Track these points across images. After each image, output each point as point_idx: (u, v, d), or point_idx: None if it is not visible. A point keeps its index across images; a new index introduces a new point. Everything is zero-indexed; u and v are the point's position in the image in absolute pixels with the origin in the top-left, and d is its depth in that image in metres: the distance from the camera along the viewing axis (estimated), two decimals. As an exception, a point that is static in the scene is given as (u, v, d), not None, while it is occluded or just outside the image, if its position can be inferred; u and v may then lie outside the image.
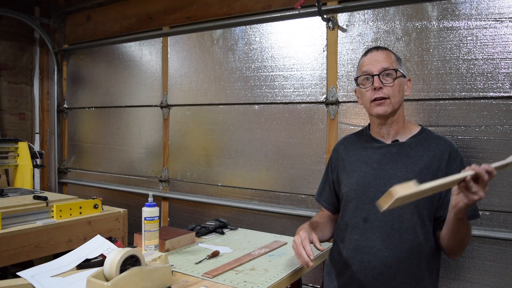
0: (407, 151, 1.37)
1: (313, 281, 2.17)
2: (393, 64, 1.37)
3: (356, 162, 1.45)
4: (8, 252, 1.76)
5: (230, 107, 2.48)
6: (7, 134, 3.35)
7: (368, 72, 1.37)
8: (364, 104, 1.43)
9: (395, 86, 1.35)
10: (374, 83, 1.35)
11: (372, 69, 1.36)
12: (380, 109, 1.35)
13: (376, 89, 1.34)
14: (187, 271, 1.37)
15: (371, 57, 1.39)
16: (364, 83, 1.39)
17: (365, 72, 1.38)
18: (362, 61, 1.42)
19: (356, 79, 1.43)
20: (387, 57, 1.38)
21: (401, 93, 1.38)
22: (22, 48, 3.48)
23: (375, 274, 1.32)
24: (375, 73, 1.35)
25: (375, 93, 1.35)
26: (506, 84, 1.69)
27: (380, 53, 1.38)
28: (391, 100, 1.34)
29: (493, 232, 1.70)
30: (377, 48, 1.41)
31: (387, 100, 1.34)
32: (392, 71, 1.35)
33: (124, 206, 2.43)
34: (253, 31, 2.39)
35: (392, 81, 1.35)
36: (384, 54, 1.38)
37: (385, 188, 1.32)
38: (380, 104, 1.35)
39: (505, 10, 1.69)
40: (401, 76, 1.37)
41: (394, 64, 1.37)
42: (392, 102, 1.35)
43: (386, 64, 1.36)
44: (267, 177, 2.33)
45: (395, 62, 1.38)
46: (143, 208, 1.51)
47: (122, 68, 3.01)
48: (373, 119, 1.44)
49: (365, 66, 1.39)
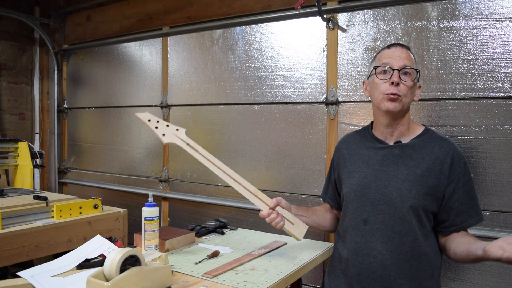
0: (409, 152, 1.35)
1: (313, 281, 2.16)
2: (413, 65, 1.36)
3: (357, 162, 1.44)
4: (8, 252, 1.76)
5: (230, 107, 2.48)
6: (7, 134, 3.35)
7: (389, 65, 1.34)
8: (374, 97, 1.39)
9: (410, 87, 1.33)
10: (393, 77, 1.31)
11: (393, 63, 1.33)
12: (391, 104, 1.32)
13: (393, 83, 1.31)
14: (187, 271, 1.37)
15: (394, 51, 1.36)
16: (381, 74, 1.36)
17: (386, 64, 1.34)
18: (383, 53, 1.39)
19: (375, 68, 1.38)
20: (408, 56, 1.36)
21: (412, 95, 1.36)
22: (22, 48, 3.48)
23: (375, 276, 1.31)
24: (395, 67, 1.32)
25: (391, 88, 1.32)
26: (506, 84, 1.69)
27: (404, 51, 1.36)
28: (403, 99, 1.32)
29: (493, 232, 1.70)
30: (401, 45, 1.38)
31: (400, 97, 1.32)
32: (413, 71, 1.34)
33: (124, 206, 2.43)
34: (253, 31, 2.39)
35: (410, 80, 1.33)
36: (406, 53, 1.36)
37: (386, 190, 1.33)
38: (392, 100, 1.32)
39: (505, 10, 1.69)
40: (416, 79, 1.36)
41: (414, 65, 1.36)
42: (404, 101, 1.33)
43: (409, 62, 1.34)
44: (267, 177, 2.33)
45: (415, 64, 1.38)
46: (143, 208, 1.51)
47: (122, 68, 3.01)
48: (378, 117, 1.41)
49: (387, 58, 1.35)
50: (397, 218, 1.30)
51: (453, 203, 1.30)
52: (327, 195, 1.62)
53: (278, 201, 1.44)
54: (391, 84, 1.32)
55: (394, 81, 1.31)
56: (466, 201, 1.31)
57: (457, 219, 1.30)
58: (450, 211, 1.31)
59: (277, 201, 1.43)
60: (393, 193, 1.31)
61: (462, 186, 1.31)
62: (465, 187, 1.31)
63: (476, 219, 1.32)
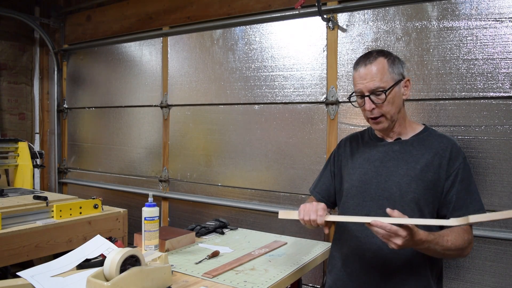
0: (409, 149, 1.37)
1: (313, 281, 2.17)
2: (383, 79, 1.32)
3: (359, 160, 1.45)
4: (8, 252, 1.76)
5: (230, 107, 2.47)
6: (7, 134, 3.35)
7: (360, 91, 1.36)
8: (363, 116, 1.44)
9: (388, 102, 1.33)
10: (365, 105, 1.35)
11: (362, 88, 1.35)
12: (378, 126, 1.38)
13: (368, 110, 1.35)
14: (187, 271, 1.37)
15: (359, 75, 1.36)
16: (358, 101, 1.40)
17: (357, 92, 1.37)
18: (354, 76, 1.40)
19: (350, 96, 1.43)
20: (377, 72, 1.32)
21: (396, 102, 1.35)
22: (22, 48, 3.48)
23: (376, 271, 1.32)
24: (365, 94, 1.34)
25: (370, 113, 1.35)
26: (506, 84, 1.69)
27: (368, 69, 1.33)
28: (386, 116, 1.35)
29: (493, 232, 1.70)
30: (364, 62, 1.35)
31: (382, 117, 1.35)
32: (381, 93, 1.32)
33: (124, 206, 2.43)
34: (253, 31, 2.39)
35: (383, 100, 1.32)
36: (373, 70, 1.32)
37: (386, 185, 1.34)
38: (376, 123, 1.37)
39: (505, 10, 1.69)
40: (393, 87, 1.33)
41: (385, 77, 1.32)
42: (388, 117, 1.35)
43: (376, 83, 1.31)
44: (267, 177, 2.33)
45: (387, 73, 1.33)
46: (143, 208, 1.51)
47: (122, 68, 3.01)
48: None
49: (357, 85, 1.37)
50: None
51: (451, 197, 1.30)
52: (315, 189, 1.61)
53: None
54: (367, 110, 1.35)
55: (367, 109, 1.34)
56: (464, 196, 1.30)
57: (454, 213, 1.29)
58: (448, 205, 1.30)
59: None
60: (392, 187, 1.32)
61: (460, 181, 1.30)
62: (464, 182, 1.31)
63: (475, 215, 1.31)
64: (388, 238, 1.12)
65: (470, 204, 1.30)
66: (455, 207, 1.30)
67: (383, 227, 1.10)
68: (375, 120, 1.36)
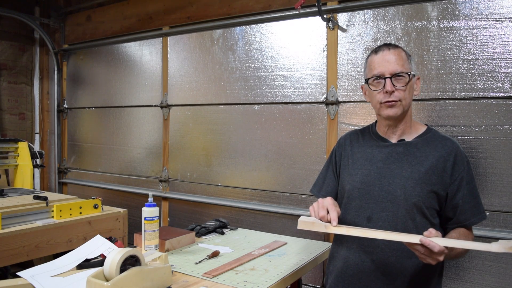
0: (413, 150, 1.35)
1: (313, 281, 2.16)
2: (405, 66, 1.32)
3: (360, 160, 1.43)
4: (8, 252, 1.76)
5: (230, 107, 2.48)
6: (7, 134, 3.35)
7: (380, 73, 1.32)
8: (373, 104, 1.39)
9: (407, 89, 1.32)
10: (386, 86, 1.30)
11: (384, 70, 1.31)
12: (391, 111, 1.32)
13: (387, 92, 1.30)
14: (187, 271, 1.37)
15: (382, 58, 1.33)
16: (375, 84, 1.35)
17: (376, 75, 1.33)
18: (372, 60, 1.36)
19: (366, 80, 1.37)
20: (398, 57, 1.32)
21: (411, 94, 1.34)
22: (22, 48, 3.48)
23: (377, 273, 1.32)
24: (387, 76, 1.31)
25: (387, 96, 1.31)
26: (506, 84, 1.69)
27: (391, 53, 1.32)
28: (402, 102, 1.31)
29: (493, 232, 1.70)
30: (388, 47, 1.34)
31: (398, 102, 1.31)
32: (405, 75, 1.31)
33: (124, 206, 2.43)
34: (253, 31, 2.39)
35: (404, 85, 1.31)
36: (395, 54, 1.32)
37: (390, 187, 1.33)
38: (391, 106, 1.31)
39: (505, 10, 1.69)
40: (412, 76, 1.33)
41: (406, 65, 1.32)
42: (403, 104, 1.32)
43: (399, 67, 1.31)
44: (267, 177, 2.33)
45: (407, 62, 1.33)
46: (143, 208, 1.51)
47: (122, 68, 3.01)
48: (381, 118, 1.41)
49: (376, 69, 1.33)
50: (401, 216, 1.30)
51: (457, 201, 1.30)
52: (321, 192, 1.53)
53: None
54: (385, 92, 1.31)
55: (388, 91, 1.31)
56: (469, 200, 1.31)
57: (460, 217, 1.31)
58: (455, 209, 1.31)
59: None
60: (397, 190, 1.31)
61: (466, 185, 1.31)
62: (469, 185, 1.32)
63: (478, 217, 1.32)
64: (430, 256, 1.09)
65: (474, 207, 1.32)
66: (461, 210, 1.30)
67: (432, 247, 1.06)
68: (391, 103, 1.31)
